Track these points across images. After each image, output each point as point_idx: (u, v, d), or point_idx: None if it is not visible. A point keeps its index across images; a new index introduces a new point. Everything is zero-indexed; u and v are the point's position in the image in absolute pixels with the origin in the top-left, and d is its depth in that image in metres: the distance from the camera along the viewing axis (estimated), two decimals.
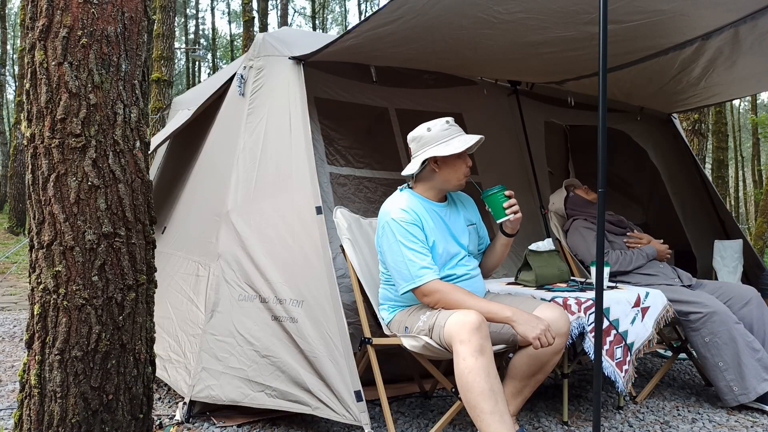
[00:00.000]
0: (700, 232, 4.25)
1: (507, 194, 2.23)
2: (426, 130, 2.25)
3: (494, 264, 2.46)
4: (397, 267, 2.16)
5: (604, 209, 1.65)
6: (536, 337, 1.92)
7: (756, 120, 17.66)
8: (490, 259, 2.46)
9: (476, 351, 1.86)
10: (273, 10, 23.56)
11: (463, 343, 1.88)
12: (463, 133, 2.27)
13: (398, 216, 2.17)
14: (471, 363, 1.86)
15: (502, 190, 2.23)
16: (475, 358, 1.85)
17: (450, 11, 2.33)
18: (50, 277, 1.68)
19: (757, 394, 2.61)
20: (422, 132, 2.26)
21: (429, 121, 2.28)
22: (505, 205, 2.22)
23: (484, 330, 1.90)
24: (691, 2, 2.38)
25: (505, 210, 2.22)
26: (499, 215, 2.24)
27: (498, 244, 2.41)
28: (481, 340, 1.87)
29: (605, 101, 1.61)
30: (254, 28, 13.06)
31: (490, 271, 2.48)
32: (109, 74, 1.70)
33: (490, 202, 2.25)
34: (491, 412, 1.83)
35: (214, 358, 2.45)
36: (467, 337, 1.87)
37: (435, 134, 2.23)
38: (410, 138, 2.31)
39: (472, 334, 1.87)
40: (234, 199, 2.67)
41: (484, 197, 2.27)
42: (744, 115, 27.20)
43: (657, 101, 4.00)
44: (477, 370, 1.84)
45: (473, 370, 1.85)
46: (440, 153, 2.17)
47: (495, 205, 2.24)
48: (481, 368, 1.85)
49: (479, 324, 1.89)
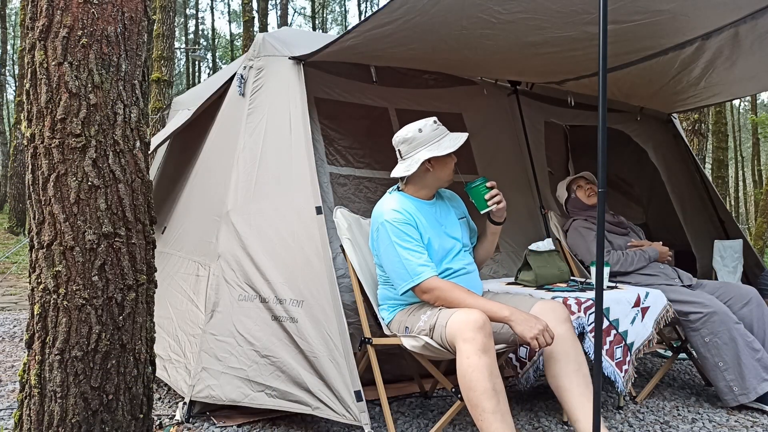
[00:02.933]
0: (700, 232, 4.24)
1: (489, 185, 2.26)
2: (417, 131, 2.27)
3: (485, 255, 2.50)
4: (394, 268, 2.17)
5: (604, 209, 1.65)
6: (534, 337, 1.92)
7: (756, 120, 17.66)
8: (481, 250, 2.49)
9: (480, 350, 1.86)
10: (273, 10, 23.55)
11: (466, 342, 1.88)
12: (448, 131, 2.32)
13: (391, 217, 2.19)
14: (474, 361, 1.86)
15: (483, 181, 2.27)
16: (478, 357, 1.85)
17: (450, 11, 2.33)
18: (50, 277, 1.68)
19: (757, 394, 2.61)
20: (414, 134, 2.28)
21: (415, 123, 2.30)
22: (487, 197, 2.25)
23: (487, 328, 1.90)
24: (691, 2, 2.38)
25: (487, 201, 2.25)
26: (482, 206, 2.27)
27: (488, 233, 2.44)
28: (485, 338, 1.87)
29: (605, 101, 1.60)
30: (254, 28, 13.06)
31: (482, 262, 2.51)
32: (109, 74, 1.70)
33: (473, 195, 2.29)
34: (493, 412, 1.83)
35: (214, 358, 2.45)
36: (471, 336, 1.87)
37: (427, 135, 2.26)
38: (399, 140, 2.32)
39: (476, 332, 1.87)
40: (234, 199, 2.67)
41: (468, 190, 2.30)
42: (744, 115, 27.20)
43: (657, 101, 3.99)
44: (480, 369, 1.84)
45: (476, 368, 1.85)
46: (437, 153, 2.22)
47: (477, 196, 2.28)
48: (484, 367, 1.85)
49: (483, 322, 1.90)
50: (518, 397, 2.85)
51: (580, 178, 3.41)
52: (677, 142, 4.40)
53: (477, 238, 2.52)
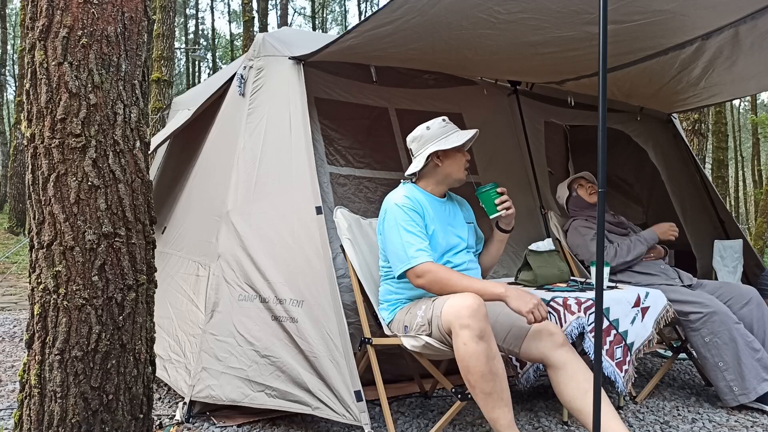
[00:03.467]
0: (700, 232, 4.25)
1: (499, 191, 2.29)
2: (425, 129, 2.36)
3: (491, 261, 2.51)
4: (394, 248, 2.20)
5: (604, 209, 1.65)
6: (529, 310, 1.95)
7: (756, 120, 17.67)
8: (486, 257, 2.50)
9: (477, 335, 1.88)
10: (273, 10, 23.55)
11: (462, 328, 1.90)
12: (458, 129, 2.38)
13: (401, 201, 2.24)
14: (472, 348, 1.89)
15: (494, 187, 2.29)
16: (475, 343, 1.88)
17: (450, 11, 2.33)
18: (50, 277, 1.68)
19: (757, 394, 2.61)
20: (422, 131, 2.36)
21: (426, 122, 2.38)
22: (497, 202, 2.27)
23: (482, 312, 1.92)
24: (691, 2, 2.38)
25: (497, 206, 2.27)
26: (491, 211, 2.29)
27: (495, 240, 2.46)
28: (481, 323, 1.89)
29: (605, 101, 1.60)
30: (254, 28, 13.06)
31: (487, 270, 2.52)
32: (109, 74, 1.70)
33: (483, 199, 2.31)
34: (490, 393, 1.89)
35: (214, 358, 2.45)
36: (467, 322, 1.89)
37: (435, 132, 2.33)
38: (410, 139, 2.41)
39: (471, 318, 1.89)
40: (234, 199, 2.67)
41: (478, 194, 2.32)
42: (744, 115, 27.20)
43: (657, 101, 3.99)
44: (478, 354, 1.88)
45: (473, 354, 1.88)
46: (443, 147, 2.28)
47: (487, 201, 2.30)
48: (482, 352, 1.88)
49: (477, 306, 1.91)
50: (518, 397, 2.85)
51: (581, 178, 3.41)
52: (677, 142, 4.40)
53: (483, 245, 2.53)
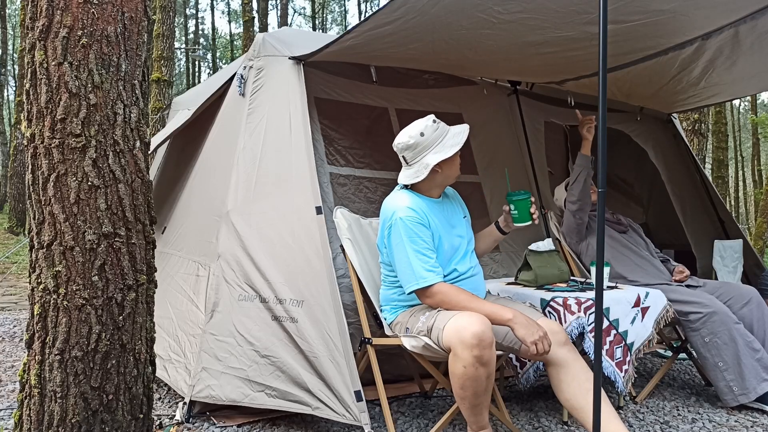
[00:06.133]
0: (700, 232, 4.24)
1: (532, 200, 2.38)
2: (419, 135, 2.22)
3: (485, 250, 2.57)
4: (402, 267, 2.17)
5: (604, 209, 1.65)
6: (534, 342, 1.94)
7: (756, 120, 17.67)
8: (479, 250, 2.51)
9: (479, 363, 1.89)
10: (273, 10, 23.57)
11: (465, 350, 1.89)
12: (449, 127, 2.29)
13: (406, 215, 2.17)
14: (472, 372, 1.90)
15: (529, 196, 2.36)
16: (476, 369, 1.90)
17: (450, 11, 2.33)
18: (50, 277, 1.68)
19: (757, 394, 2.62)
20: (416, 139, 2.22)
21: (413, 126, 2.25)
22: (532, 210, 2.36)
23: (487, 338, 1.89)
24: (691, 2, 2.38)
25: (532, 215, 2.36)
26: (525, 219, 2.37)
27: (491, 239, 2.52)
28: (485, 351, 1.89)
29: (605, 101, 1.60)
30: (254, 28, 13.06)
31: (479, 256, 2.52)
32: (109, 74, 1.70)
33: (519, 207, 2.37)
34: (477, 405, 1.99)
35: (214, 358, 2.45)
36: (471, 350, 1.88)
37: (430, 138, 2.22)
38: (402, 146, 2.26)
39: (476, 346, 1.88)
40: (234, 199, 2.67)
41: (512, 201, 2.38)
42: (744, 115, 27.22)
43: (657, 101, 3.99)
44: (477, 378, 1.91)
45: (472, 377, 1.91)
46: (445, 155, 2.19)
47: (523, 209, 2.36)
48: (481, 376, 1.91)
49: (483, 332, 1.89)
50: (518, 397, 2.85)
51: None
52: (677, 142, 4.40)
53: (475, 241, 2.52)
